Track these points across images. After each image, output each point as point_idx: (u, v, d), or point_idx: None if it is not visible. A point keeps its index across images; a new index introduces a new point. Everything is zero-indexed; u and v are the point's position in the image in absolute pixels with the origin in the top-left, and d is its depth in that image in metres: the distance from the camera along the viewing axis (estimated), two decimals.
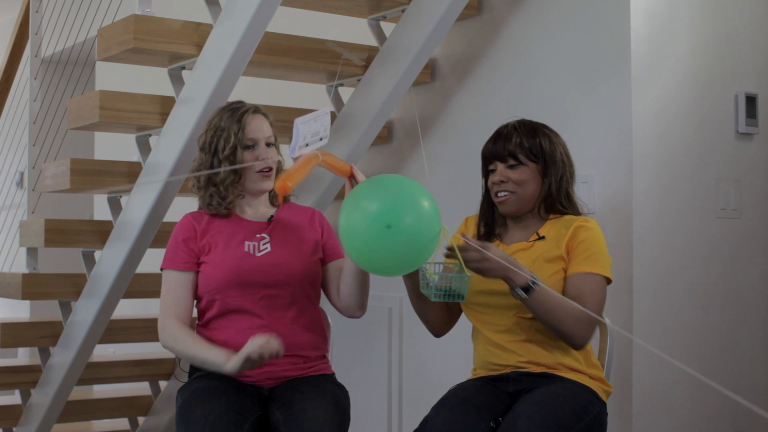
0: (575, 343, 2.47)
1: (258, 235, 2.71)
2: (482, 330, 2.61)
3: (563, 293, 2.51)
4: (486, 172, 2.65)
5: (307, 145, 2.47)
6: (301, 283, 2.68)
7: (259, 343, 2.45)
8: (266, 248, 2.70)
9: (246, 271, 2.64)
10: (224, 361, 2.50)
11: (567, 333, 2.44)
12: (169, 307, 2.67)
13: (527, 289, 2.39)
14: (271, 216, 2.76)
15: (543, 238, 2.57)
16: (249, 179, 2.70)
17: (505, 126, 2.63)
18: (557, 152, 2.60)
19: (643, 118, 3.17)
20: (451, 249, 2.35)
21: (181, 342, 2.63)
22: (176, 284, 2.68)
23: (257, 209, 2.77)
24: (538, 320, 2.46)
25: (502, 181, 2.58)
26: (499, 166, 2.60)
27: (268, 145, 2.72)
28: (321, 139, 2.50)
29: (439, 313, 2.68)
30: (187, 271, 2.69)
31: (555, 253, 2.53)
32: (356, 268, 2.65)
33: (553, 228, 2.59)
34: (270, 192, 2.79)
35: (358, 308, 2.73)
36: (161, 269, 2.72)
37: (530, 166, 2.58)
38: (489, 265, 2.34)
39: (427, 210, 2.28)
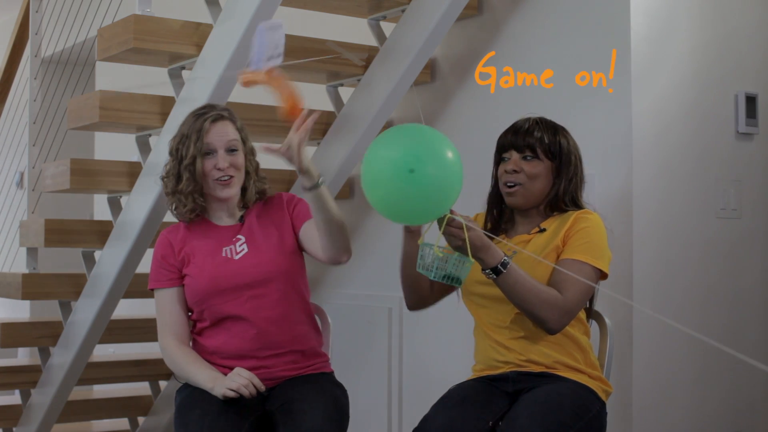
0: (548, 328, 2.44)
1: (234, 239, 2.71)
2: (483, 327, 2.62)
3: (549, 278, 2.50)
4: (498, 161, 2.65)
5: (269, 59, 2.38)
6: (285, 277, 2.67)
7: (241, 382, 2.50)
8: (243, 249, 2.69)
9: (226, 276, 2.64)
10: (211, 386, 2.55)
11: (539, 318, 2.42)
12: (164, 325, 2.70)
13: (498, 271, 2.36)
14: (242, 216, 2.75)
15: (544, 230, 2.58)
16: (208, 186, 2.69)
17: (527, 120, 2.63)
18: (572, 154, 2.61)
19: (643, 118, 3.17)
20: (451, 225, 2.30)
21: (176, 363, 2.66)
22: (166, 301, 2.70)
23: (231, 213, 2.75)
24: (511, 303, 2.45)
25: (514, 171, 2.57)
26: (514, 155, 2.59)
27: (231, 150, 2.68)
28: (278, 56, 2.40)
29: (426, 287, 2.67)
30: (172, 288, 2.70)
31: (552, 243, 2.54)
32: (323, 217, 2.53)
33: (555, 222, 2.59)
34: (244, 193, 2.75)
35: (342, 252, 2.61)
36: (149, 289, 2.74)
37: (545, 162, 2.58)
38: (462, 243, 2.31)
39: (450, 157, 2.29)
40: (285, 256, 2.69)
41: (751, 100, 3.43)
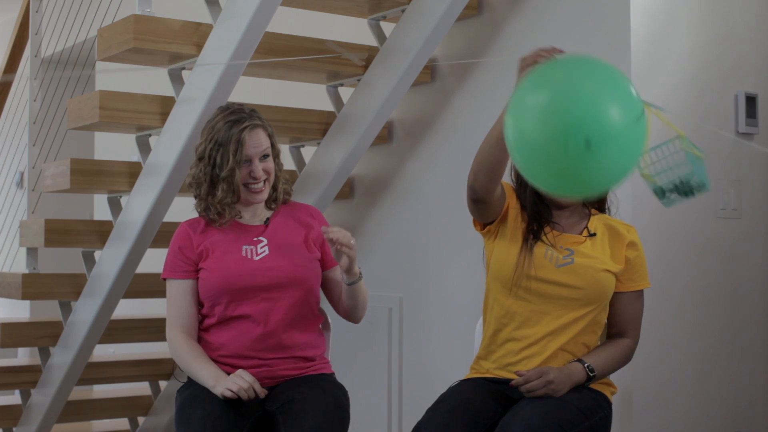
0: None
1: (255, 239, 2.71)
2: (509, 328, 2.56)
3: (615, 304, 2.58)
4: None
5: None
6: (301, 284, 2.68)
7: (242, 385, 2.50)
8: (264, 252, 2.70)
9: (243, 276, 2.64)
10: (213, 384, 2.55)
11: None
12: (173, 317, 2.69)
13: (589, 378, 2.49)
14: (267, 219, 2.76)
15: (594, 234, 2.57)
16: (239, 191, 2.70)
17: None
18: None
19: None
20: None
21: (180, 357, 2.66)
22: (178, 293, 2.69)
23: (255, 213, 2.76)
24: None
25: None
26: None
27: (264, 157, 2.70)
28: None
29: (502, 171, 2.45)
30: (186, 279, 2.69)
31: (606, 254, 2.54)
32: (352, 302, 2.70)
33: (598, 224, 2.60)
34: (269, 198, 2.78)
35: (358, 319, 2.78)
36: (162, 278, 2.73)
37: None
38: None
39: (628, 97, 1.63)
40: (305, 264, 2.70)
41: (751, 100, 3.43)
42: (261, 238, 2.71)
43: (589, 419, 2.37)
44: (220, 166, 2.65)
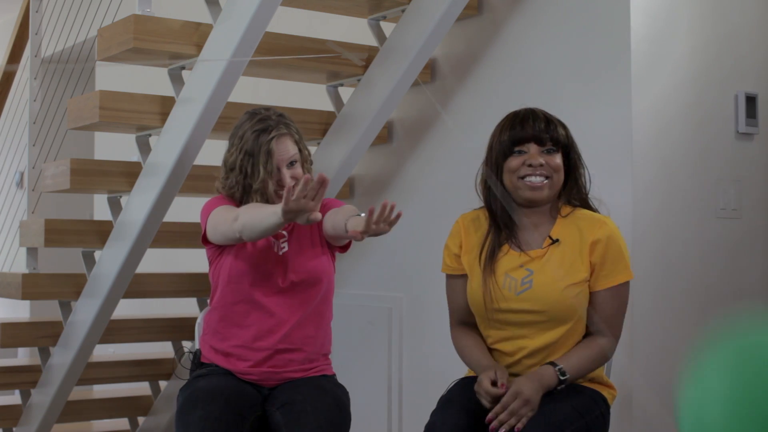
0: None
1: (280, 232, 2.72)
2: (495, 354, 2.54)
3: (590, 302, 2.47)
4: (506, 155, 2.50)
5: None
6: (314, 283, 2.69)
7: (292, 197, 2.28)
8: (284, 247, 2.72)
9: (265, 266, 2.67)
10: (275, 210, 2.36)
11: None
12: (218, 218, 2.63)
13: (560, 382, 2.40)
14: None
15: (557, 241, 2.48)
16: (272, 200, 2.71)
17: (531, 110, 2.53)
18: (576, 147, 2.56)
19: (643, 118, 3.17)
20: None
21: (244, 217, 2.51)
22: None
23: None
24: None
25: (540, 164, 2.46)
26: (534, 148, 2.47)
27: (291, 164, 2.70)
28: None
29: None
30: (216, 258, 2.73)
31: (572, 258, 2.44)
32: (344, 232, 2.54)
33: (564, 228, 2.50)
34: None
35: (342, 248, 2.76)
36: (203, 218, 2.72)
37: (560, 155, 2.51)
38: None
39: None
40: (320, 263, 2.72)
41: (751, 100, 3.43)
42: (283, 232, 2.73)
43: (585, 417, 2.37)
44: (251, 176, 2.67)
